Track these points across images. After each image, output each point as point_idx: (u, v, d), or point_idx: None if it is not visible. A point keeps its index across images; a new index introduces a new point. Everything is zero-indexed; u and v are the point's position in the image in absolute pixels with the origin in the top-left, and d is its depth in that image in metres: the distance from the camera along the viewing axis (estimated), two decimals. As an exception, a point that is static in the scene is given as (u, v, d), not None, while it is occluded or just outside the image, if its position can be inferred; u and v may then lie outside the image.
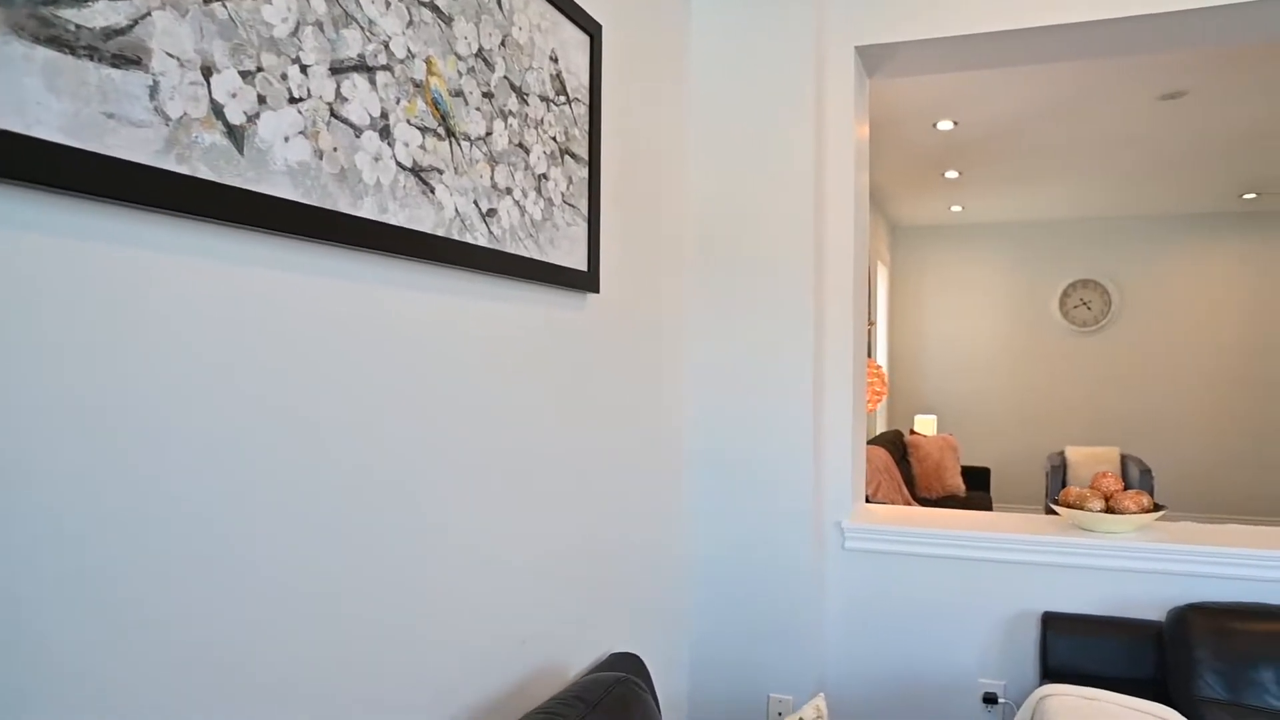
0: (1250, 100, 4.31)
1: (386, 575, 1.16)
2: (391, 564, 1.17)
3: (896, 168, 5.65)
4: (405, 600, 1.20)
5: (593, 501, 1.79)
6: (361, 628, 1.12)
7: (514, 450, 1.49)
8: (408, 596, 1.21)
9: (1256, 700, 1.91)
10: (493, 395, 1.42)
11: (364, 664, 1.12)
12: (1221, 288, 7.08)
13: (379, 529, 1.15)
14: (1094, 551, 2.24)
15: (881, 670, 2.37)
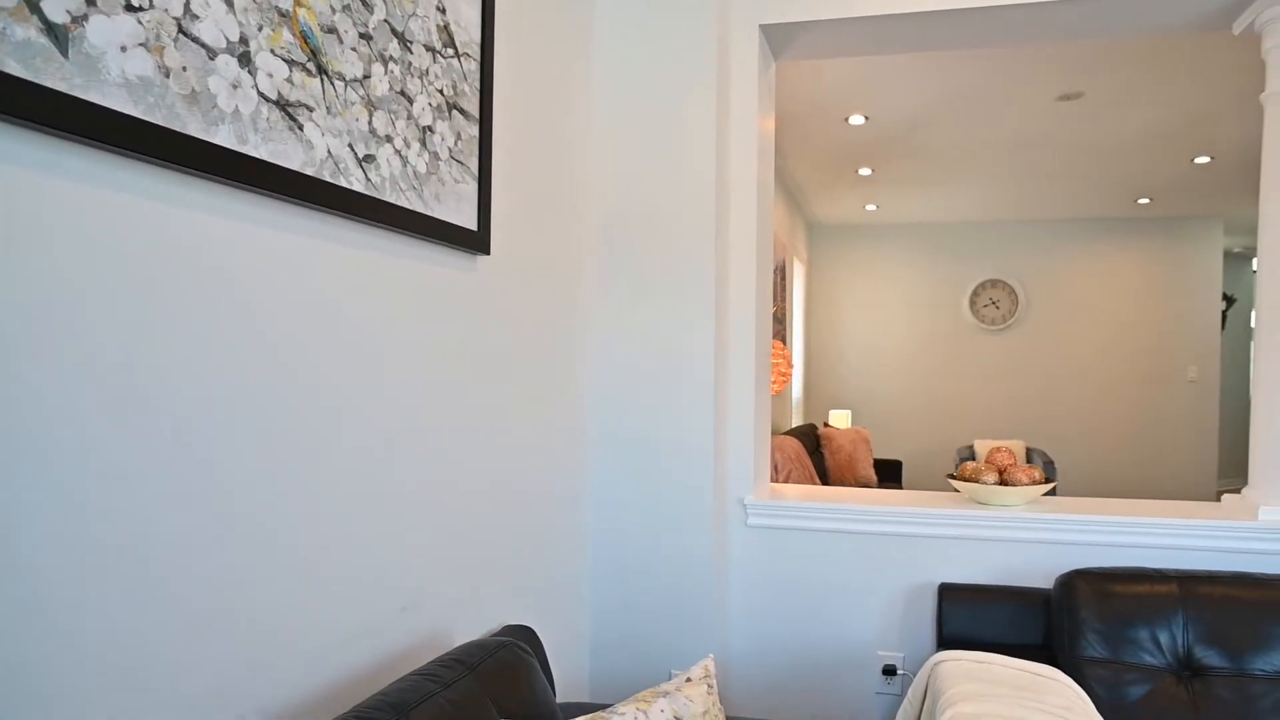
0: (1143, 103, 4.55)
1: (234, 536, 1.11)
2: (241, 527, 1.12)
3: (812, 163, 5.77)
4: (260, 563, 1.15)
5: (485, 470, 1.76)
6: (213, 588, 1.06)
7: (398, 410, 1.45)
8: (263, 559, 1.16)
9: (1134, 658, 2.00)
10: (373, 350, 1.38)
11: (218, 624, 1.07)
12: (1120, 289, 7.48)
13: (231, 485, 1.10)
14: (988, 523, 2.32)
15: (784, 645, 2.40)
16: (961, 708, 1.67)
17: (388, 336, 1.43)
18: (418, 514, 1.51)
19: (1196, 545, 2.26)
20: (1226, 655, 1.97)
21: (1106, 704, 1.93)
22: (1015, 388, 7.57)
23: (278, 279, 1.17)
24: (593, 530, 2.34)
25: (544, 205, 2.05)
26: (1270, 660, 1.96)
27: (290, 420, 1.19)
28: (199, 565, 1.04)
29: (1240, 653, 1.97)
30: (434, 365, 1.57)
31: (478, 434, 1.73)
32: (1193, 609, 2.02)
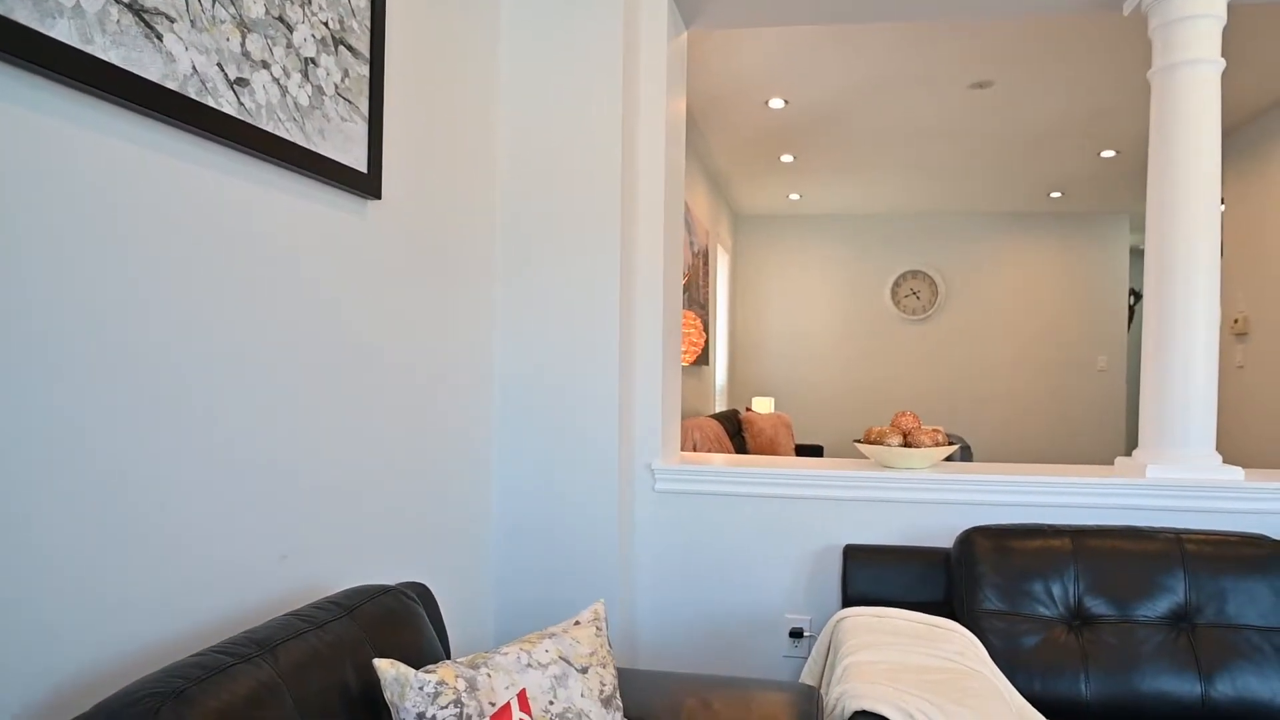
0: (1050, 94, 4.73)
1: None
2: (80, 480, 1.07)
3: (734, 148, 5.84)
4: (113, 506, 1.10)
5: (376, 427, 1.72)
6: (63, 536, 1.01)
7: (279, 357, 1.40)
8: (118, 501, 1.10)
9: (1028, 609, 2.07)
10: (249, 289, 1.33)
11: (68, 572, 1.01)
12: (1035, 281, 7.78)
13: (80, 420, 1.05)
14: (893, 485, 2.37)
15: (692, 610, 2.41)
16: (858, 656, 1.71)
17: (267, 276, 1.38)
18: (297, 467, 1.46)
19: (1091, 503, 2.36)
20: (1114, 604, 2.06)
21: (1001, 652, 1.99)
22: (935, 376, 7.80)
23: (138, 198, 1.12)
24: (498, 494, 2.31)
25: (447, 160, 2.02)
26: (1153, 607, 2.05)
27: (148, 361, 1.14)
28: (46, 512, 0.98)
29: (1126, 601, 2.06)
30: (320, 310, 1.52)
31: (367, 386, 1.69)
32: (1084, 562, 2.10)
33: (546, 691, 1.23)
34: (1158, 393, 2.48)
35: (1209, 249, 2.45)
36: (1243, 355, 5.33)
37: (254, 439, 1.34)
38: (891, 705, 1.49)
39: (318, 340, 1.52)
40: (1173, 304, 2.45)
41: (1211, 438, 2.43)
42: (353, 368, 1.63)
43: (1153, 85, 2.57)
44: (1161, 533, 2.15)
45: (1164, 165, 2.50)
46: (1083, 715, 1.94)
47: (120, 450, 1.09)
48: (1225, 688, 1.95)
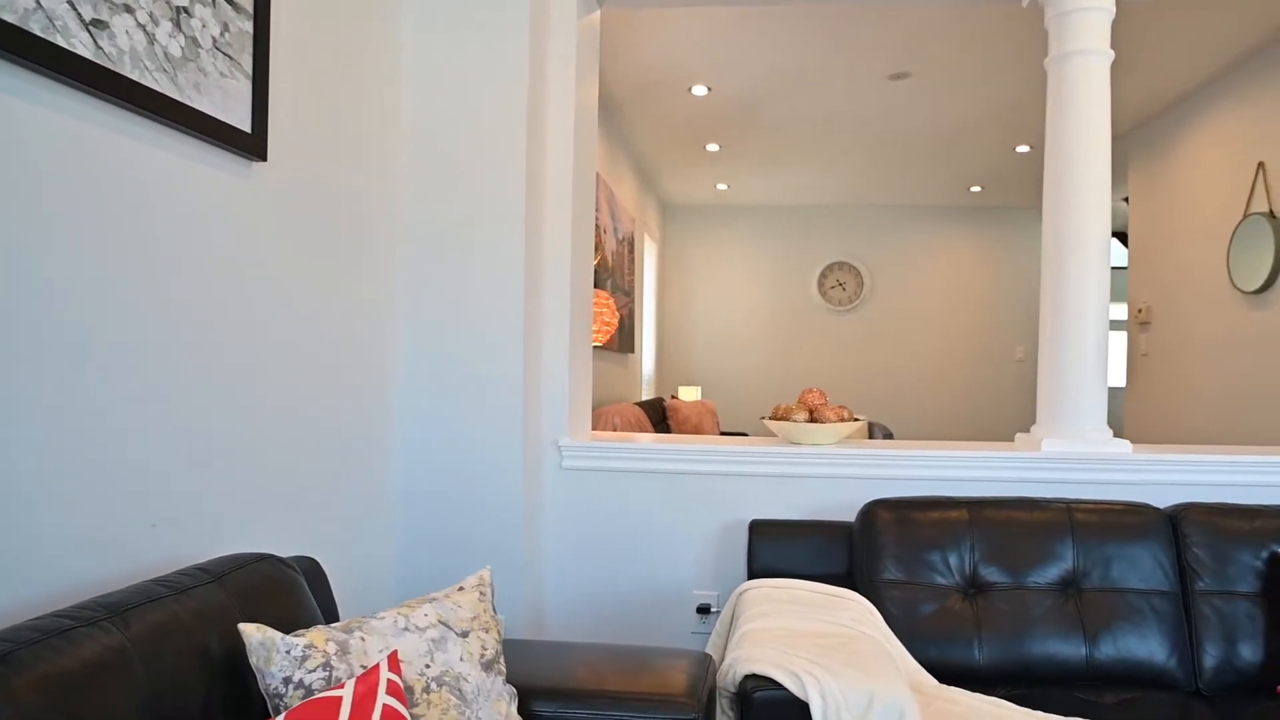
0: (968, 87, 4.86)
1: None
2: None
3: (659, 136, 5.85)
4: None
5: (267, 390, 1.67)
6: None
7: (158, 317, 1.35)
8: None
9: (926, 579, 2.12)
10: (119, 238, 1.28)
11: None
12: (956, 274, 8.01)
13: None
14: (799, 460, 2.41)
15: (601, 586, 2.41)
16: (754, 624, 1.73)
17: (137, 231, 1.32)
18: (171, 432, 1.41)
19: (992, 476, 2.44)
20: (1007, 572, 2.13)
21: (900, 621, 2.04)
22: (860, 366, 7.97)
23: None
24: (401, 467, 2.27)
25: (344, 128, 1.97)
26: (1044, 574, 2.13)
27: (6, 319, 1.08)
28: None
29: (1019, 569, 2.13)
30: (198, 270, 1.47)
31: (257, 352, 1.64)
32: (980, 532, 2.17)
33: (423, 655, 1.22)
34: (1054, 372, 2.57)
35: (1100, 232, 2.54)
36: (1146, 344, 5.58)
37: (119, 401, 1.29)
38: (780, 668, 1.51)
39: (197, 301, 1.47)
40: (1066, 286, 2.54)
41: (1103, 414, 2.53)
42: (238, 331, 1.58)
43: (1049, 74, 2.66)
44: (1054, 503, 2.23)
45: (1058, 151, 2.59)
46: (976, 679, 2.00)
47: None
48: (1108, 648, 2.04)
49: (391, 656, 1.12)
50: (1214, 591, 2.11)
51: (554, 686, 1.43)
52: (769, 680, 1.51)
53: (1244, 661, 2.05)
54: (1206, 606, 2.10)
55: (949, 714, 1.70)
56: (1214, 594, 2.11)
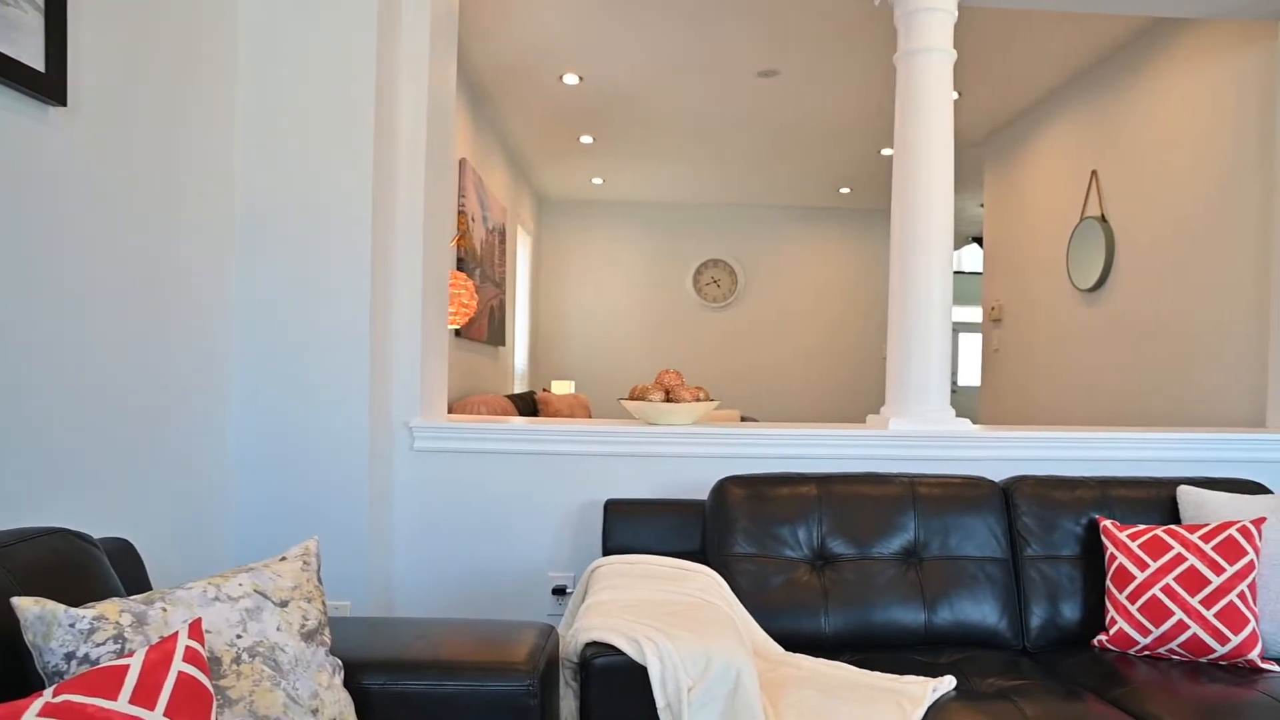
0: (835, 87, 5.06)
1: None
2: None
3: (531, 125, 5.83)
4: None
5: (76, 359, 1.56)
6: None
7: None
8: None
9: (776, 552, 2.19)
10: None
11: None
12: (827, 272, 8.33)
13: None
14: (656, 440, 2.44)
15: (455, 569, 2.37)
16: (601, 596, 1.74)
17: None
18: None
19: (844, 454, 2.54)
20: (853, 544, 2.22)
21: (750, 594, 2.10)
22: (735, 361, 8.18)
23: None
24: (235, 447, 2.16)
25: (173, 88, 1.86)
26: (887, 545, 2.23)
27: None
28: None
29: (864, 541, 2.23)
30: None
31: (61, 316, 1.52)
32: (828, 506, 2.25)
33: (235, 625, 1.16)
34: (901, 357, 2.71)
35: (943, 223, 2.70)
36: (998, 340, 5.96)
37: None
38: (620, 634, 1.52)
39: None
40: (913, 276, 2.68)
41: (946, 395, 2.68)
42: (41, 291, 1.47)
43: (898, 70, 2.80)
44: (898, 478, 2.34)
45: (906, 143, 2.73)
46: (823, 647, 2.08)
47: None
48: (945, 613, 2.16)
49: (194, 624, 1.06)
50: (1041, 557, 2.27)
51: (385, 659, 1.39)
52: (609, 647, 1.52)
53: (1065, 620, 2.21)
54: (1034, 571, 2.26)
55: (792, 678, 1.75)
56: (1041, 559, 2.27)
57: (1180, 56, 3.99)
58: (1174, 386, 3.97)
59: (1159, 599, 2.06)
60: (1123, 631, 2.09)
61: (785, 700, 1.61)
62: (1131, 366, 4.32)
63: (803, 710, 1.57)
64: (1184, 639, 2.03)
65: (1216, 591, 2.03)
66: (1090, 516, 2.31)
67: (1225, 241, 3.65)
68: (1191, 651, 2.03)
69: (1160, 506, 2.34)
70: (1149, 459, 2.69)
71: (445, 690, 1.35)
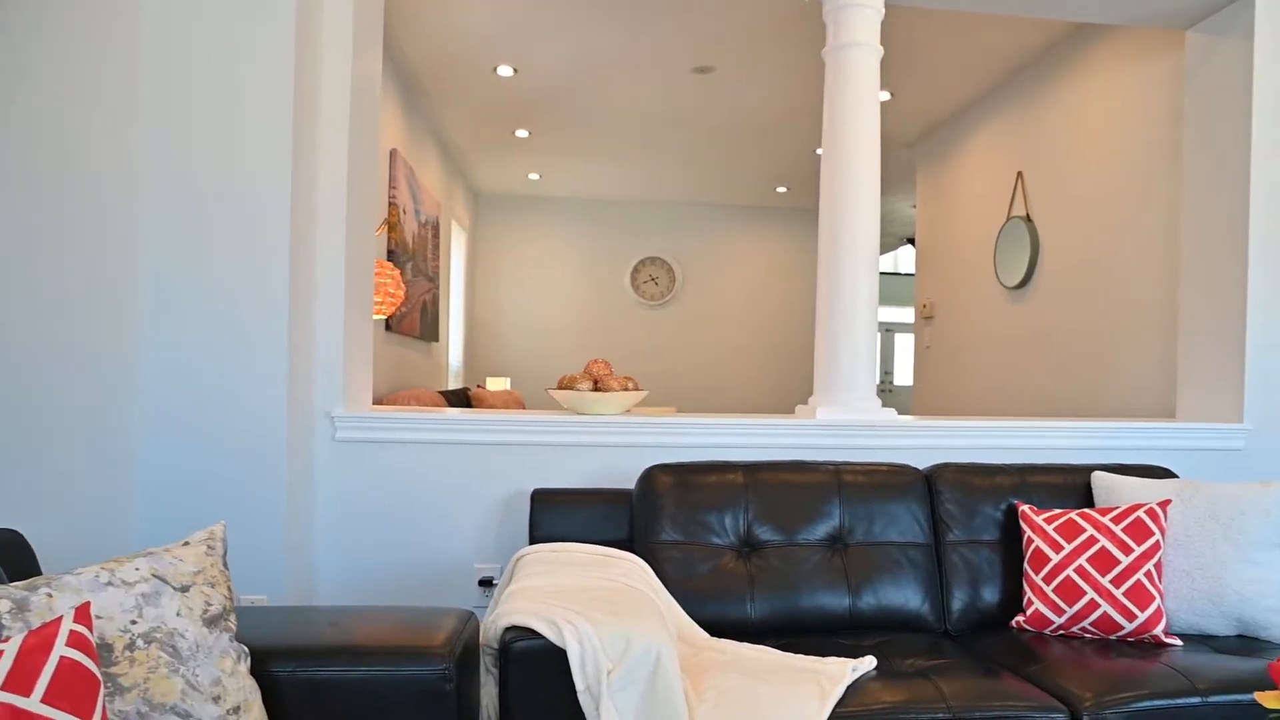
0: (770, 85, 5.11)
1: None
2: None
3: (466, 118, 5.77)
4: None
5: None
6: None
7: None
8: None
9: (703, 539, 2.20)
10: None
11: None
12: (765, 271, 8.43)
13: None
14: (584, 429, 2.44)
15: (379, 562, 2.33)
16: (524, 583, 1.73)
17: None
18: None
19: (772, 443, 2.57)
20: (780, 530, 2.25)
21: (677, 581, 2.10)
22: (673, 359, 8.22)
23: None
24: (144, 440, 2.09)
25: (65, 50, 1.79)
26: (813, 531, 2.27)
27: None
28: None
29: (790, 528, 2.26)
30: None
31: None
32: (755, 493, 2.28)
33: (129, 610, 1.12)
34: (829, 347, 2.75)
35: (869, 214, 2.75)
36: (929, 337, 6.10)
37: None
38: (540, 618, 1.51)
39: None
40: (841, 266, 2.73)
41: (873, 386, 2.73)
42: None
43: (827, 64, 2.84)
44: (824, 465, 2.38)
45: (834, 136, 2.78)
46: (749, 632, 2.10)
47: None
48: (869, 598, 2.20)
49: (81, 608, 1.02)
50: (962, 541, 2.33)
51: (295, 645, 1.36)
52: (529, 631, 1.51)
53: (985, 602, 2.27)
54: (956, 555, 2.31)
55: (716, 662, 1.76)
56: (962, 544, 2.33)
57: (1098, 63, 4.14)
58: (1094, 380, 4.11)
59: (1072, 579, 2.13)
60: (1039, 612, 2.15)
61: (707, 682, 1.62)
62: (1055, 361, 4.47)
63: (724, 691, 1.58)
64: (1095, 617, 2.10)
65: (1125, 571, 2.11)
66: (1009, 502, 2.37)
67: (1139, 242, 3.79)
68: (1102, 629, 2.10)
69: (1076, 492, 2.42)
70: (1067, 447, 2.78)
71: (358, 676, 1.33)
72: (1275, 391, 2.86)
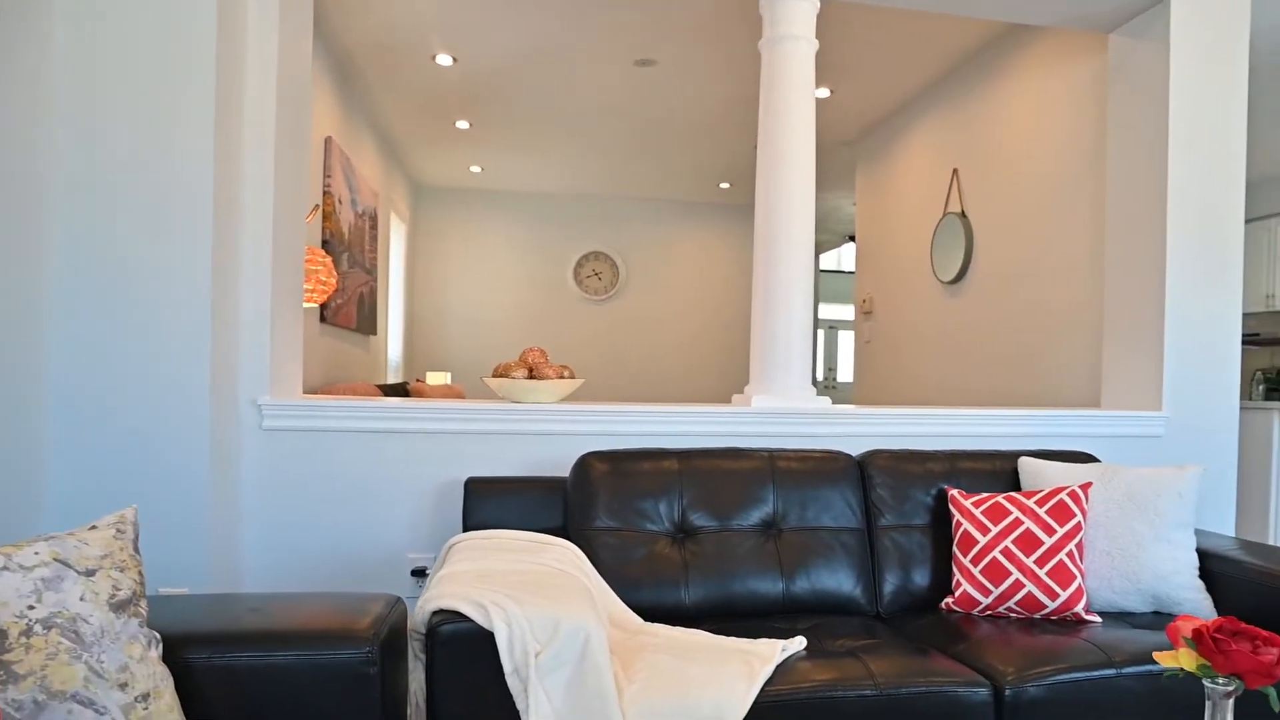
0: (712, 80, 5.13)
1: None
2: None
3: (406, 110, 5.69)
4: None
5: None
6: None
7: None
8: None
9: (638, 526, 2.21)
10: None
11: None
12: (708, 267, 8.48)
13: None
14: (520, 417, 2.42)
15: (308, 555, 2.29)
16: (453, 568, 1.72)
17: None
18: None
19: (708, 431, 2.59)
20: (714, 517, 2.26)
21: (610, 566, 2.11)
22: (617, 354, 8.22)
23: None
24: (56, 435, 2.01)
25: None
26: (747, 517, 2.29)
27: None
28: None
29: (725, 513, 2.27)
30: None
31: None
32: (690, 480, 2.29)
33: (27, 595, 1.08)
34: (766, 336, 2.78)
35: (805, 204, 2.78)
36: (869, 332, 6.20)
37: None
38: (468, 601, 1.50)
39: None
40: (776, 256, 2.76)
41: (808, 375, 2.77)
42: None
43: (763, 56, 2.87)
44: (758, 452, 2.40)
45: (769, 129, 2.81)
46: (684, 617, 2.11)
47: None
48: (802, 582, 2.23)
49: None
50: (894, 526, 2.38)
51: (211, 631, 1.32)
52: (457, 614, 1.50)
53: (916, 585, 2.32)
54: (887, 540, 2.36)
55: (648, 645, 1.77)
56: (894, 528, 2.37)
57: (1028, 64, 4.26)
58: (1025, 371, 4.23)
59: (999, 561, 2.19)
60: (966, 593, 2.20)
61: (638, 664, 1.63)
62: (988, 353, 4.58)
63: (654, 672, 1.58)
64: (1020, 597, 2.16)
65: (1048, 551, 2.17)
66: (940, 487, 2.43)
67: (1067, 238, 3.91)
68: (1027, 608, 2.16)
69: (1004, 477, 2.49)
70: (997, 435, 2.85)
71: (277, 661, 1.30)
72: (1191, 381, 2.98)
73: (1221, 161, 3.00)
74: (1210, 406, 3.00)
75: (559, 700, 1.45)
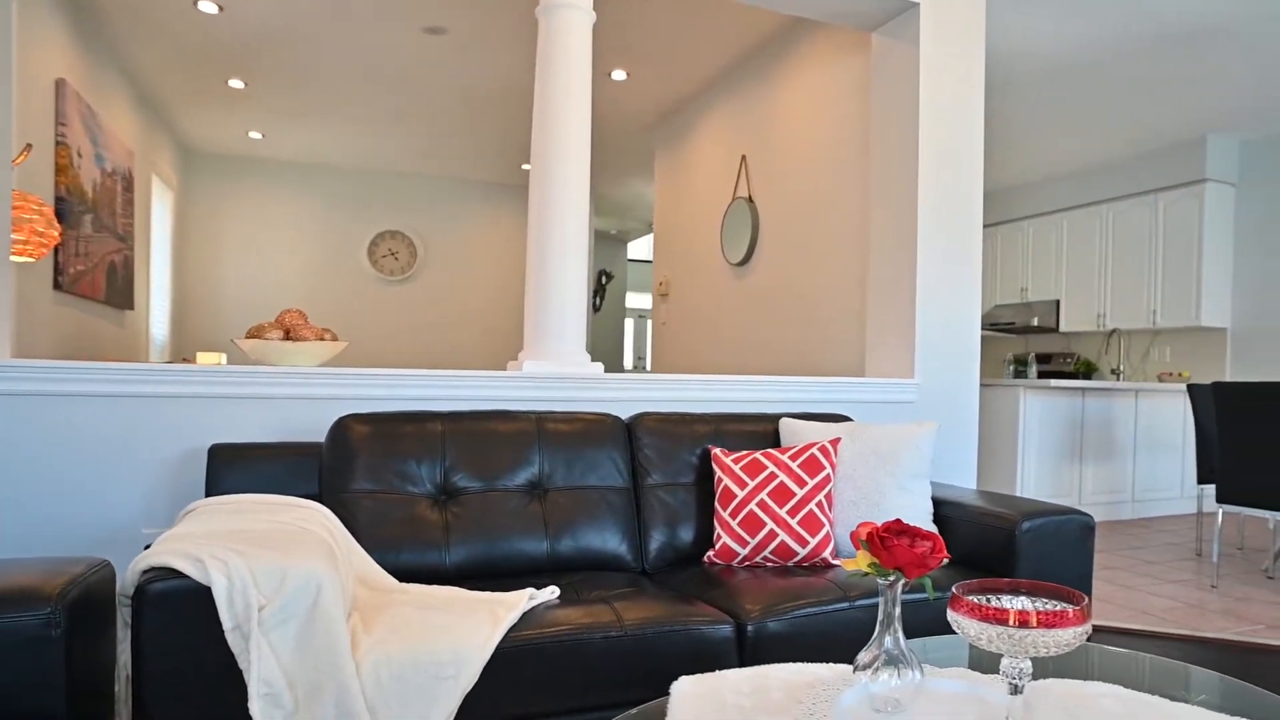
0: (508, 52, 5.07)
1: None
2: None
3: (168, 63, 5.25)
4: None
5: None
6: None
7: None
8: None
9: (399, 488, 2.17)
10: None
11: None
12: (510, 248, 8.42)
13: None
14: (274, 380, 2.31)
15: (22, 535, 2.07)
16: (177, 529, 1.61)
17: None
18: None
19: (481, 396, 2.57)
20: (479, 478, 2.26)
21: (368, 528, 2.05)
22: (416, 337, 8.00)
23: None
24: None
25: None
26: (513, 478, 2.30)
27: None
28: None
29: (490, 475, 2.27)
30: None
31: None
32: (455, 442, 2.27)
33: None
34: (539, 302, 2.80)
35: (579, 168, 2.82)
36: (665, 313, 6.39)
37: None
38: (183, 556, 1.41)
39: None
40: (550, 222, 2.79)
41: (582, 341, 2.82)
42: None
43: (540, 23, 2.89)
44: (526, 415, 2.42)
45: (544, 97, 2.83)
46: (446, 578, 2.09)
47: None
48: (568, 541, 2.27)
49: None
50: (660, 485, 2.47)
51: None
52: (170, 571, 1.41)
53: (682, 541, 2.42)
54: (653, 498, 2.44)
55: (400, 602, 1.74)
56: (660, 487, 2.46)
57: (805, 57, 4.54)
58: (803, 343, 4.52)
59: (755, 513, 2.33)
60: (726, 545, 2.33)
61: (380, 618, 1.60)
62: (772, 328, 4.85)
63: (395, 624, 1.56)
64: (774, 546, 2.31)
65: (800, 502, 2.33)
66: (705, 447, 2.54)
67: (837, 222, 4.21)
68: (780, 556, 2.31)
69: (766, 438, 2.65)
70: (766, 400, 3.03)
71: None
72: (937, 352, 3.30)
73: (965, 155, 3.33)
74: (954, 375, 3.33)
75: (287, 655, 1.40)
